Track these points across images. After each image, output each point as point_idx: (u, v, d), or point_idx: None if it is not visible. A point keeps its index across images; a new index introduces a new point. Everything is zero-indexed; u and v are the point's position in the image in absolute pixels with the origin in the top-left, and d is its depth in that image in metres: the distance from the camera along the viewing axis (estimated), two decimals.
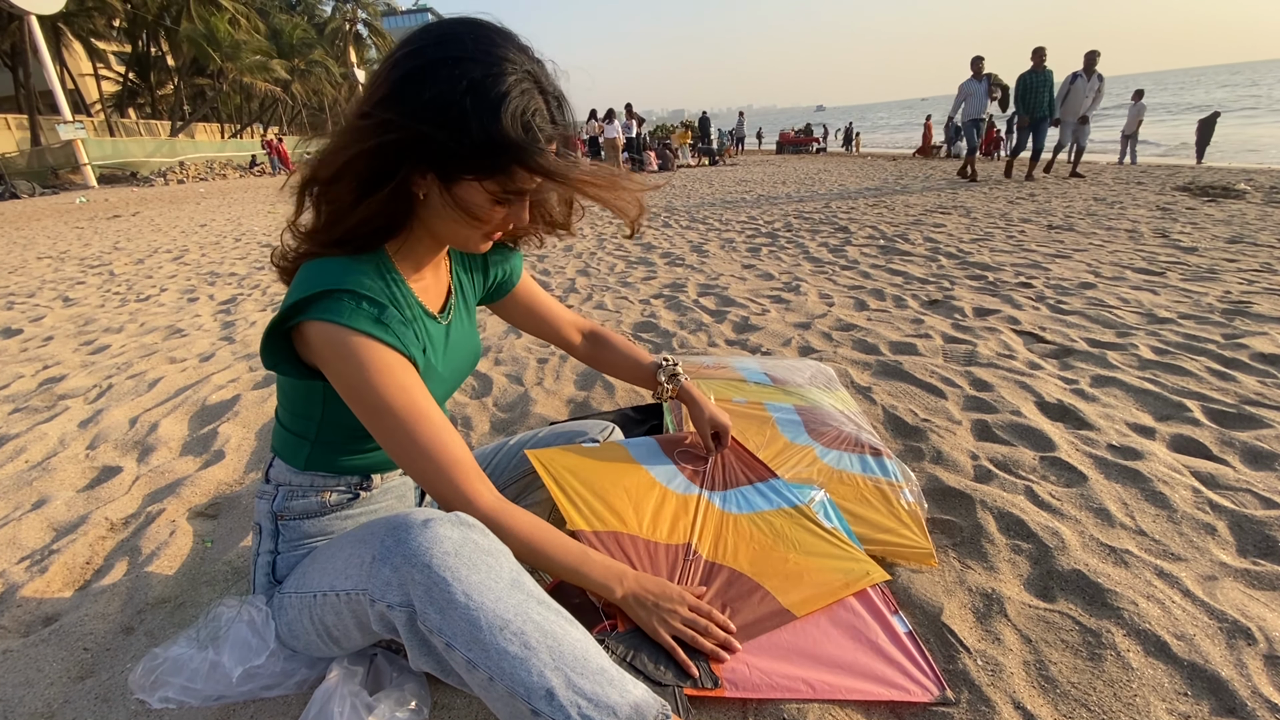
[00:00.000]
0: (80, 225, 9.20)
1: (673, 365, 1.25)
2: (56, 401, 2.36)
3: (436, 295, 0.95)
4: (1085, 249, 4.07)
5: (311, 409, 0.90)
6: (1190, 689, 0.93)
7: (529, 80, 0.73)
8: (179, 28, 26.52)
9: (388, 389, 0.77)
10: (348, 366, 0.76)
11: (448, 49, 0.71)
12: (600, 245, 5.28)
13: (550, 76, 0.77)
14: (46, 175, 20.93)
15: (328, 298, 0.76)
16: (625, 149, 13.33)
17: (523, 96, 0.71)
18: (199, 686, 0.95)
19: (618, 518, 1.12)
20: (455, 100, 0.69)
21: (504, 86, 0.70)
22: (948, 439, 1.70)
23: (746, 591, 1.04)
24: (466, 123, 0.69)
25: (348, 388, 0.78)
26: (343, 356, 0.75)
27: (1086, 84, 8.27)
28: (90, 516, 1.54)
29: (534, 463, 1.17)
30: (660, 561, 1.06)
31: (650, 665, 0.88)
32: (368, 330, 0.76)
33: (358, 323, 0.75)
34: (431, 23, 0.75)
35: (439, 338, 0.93)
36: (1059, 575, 1.18)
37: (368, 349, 0.76)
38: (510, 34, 0.75)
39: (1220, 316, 2.61)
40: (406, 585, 0.71)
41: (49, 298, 4.34)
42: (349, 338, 0.75)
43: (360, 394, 0.77)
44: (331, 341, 0.75)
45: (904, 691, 0.92)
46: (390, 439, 0.79)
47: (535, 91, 0.73)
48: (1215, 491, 1.42)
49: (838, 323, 2.82)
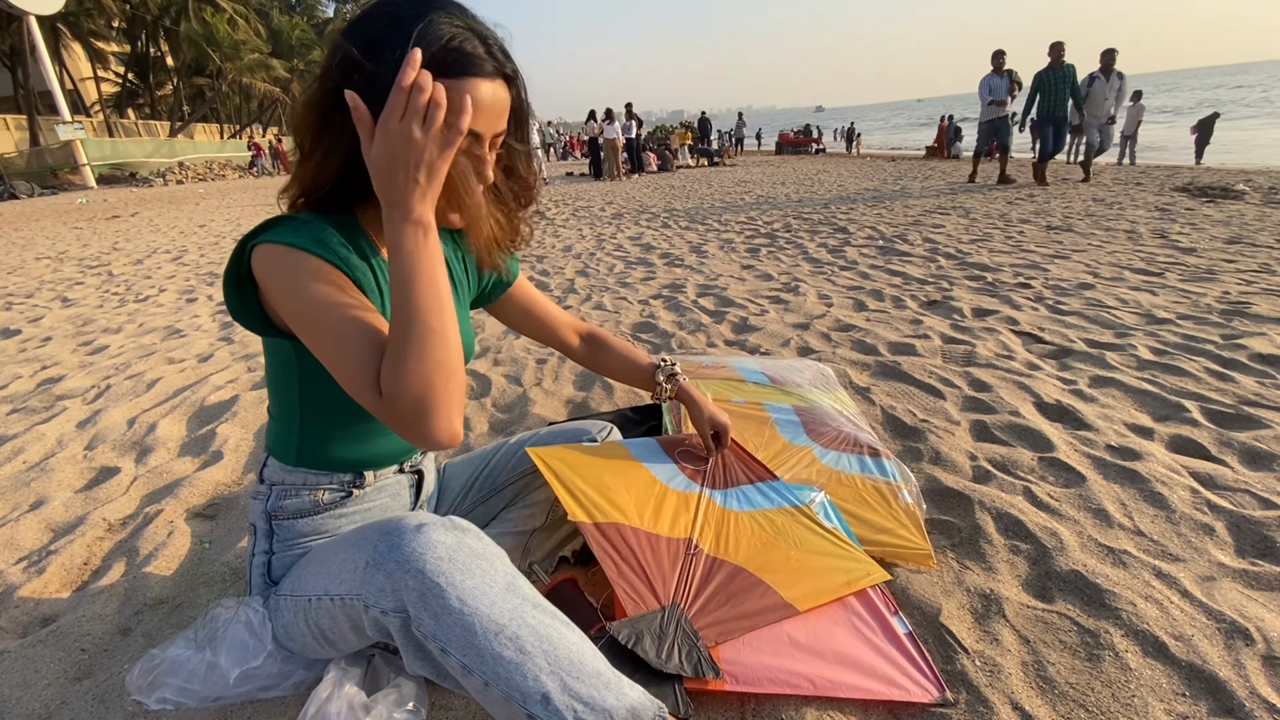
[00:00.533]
0: (79, 226, 9.20)
1: (671, 366, 1.23)
2: (55, 402, 2.36)
3: None
4: (1084, 249, 4.08)
5: (289, 385, 0.88)
6: (1188, 690, 0.93)
7: (460, 22, 0.72)
8: (178, 28, 26.52)
9: (316, 289, 0.73)
10: (281, 275, 0.73)
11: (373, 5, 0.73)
12: (599, 246, 5.28)
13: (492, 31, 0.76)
14: (46, 176, 20.92)
15: (274, 225, 0.77)
16: (625, 150, 13.33)
17: (447, 27, 0.71)
18: (196, 688, 0.95)
19: (619, 510, 1.11)
20: (378, 35, 0.70)
21: (427, 18, 0.70)
22: (946, 439, 1.70)
23: (749, 585, 1.04)
24: (382, 52, 0.69)
25: (280, 299, 0.74)
26: (279, 269, 0.73)
27: (1106, 84, 7.96)
28: (88, 517, 1.54)
29: (534, 458, 1.16)
30: (662, 553, 1.06)
31: (653, 653, 0.88)
32: (305, 245, 0.74)
33: (297, 240, 0.74)
34: None
35: None
36: (1057, 576, 1.18)
37: (303, 259, 0.74)
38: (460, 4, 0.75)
39: (1219, 317, 2.61)
40: (400, 591, 0.70)
41: (47, 298, 4.33)
42: (286, 252, 0.74)
43: (288, 299, 0.74)
44: (269, 258, 0.74)
45: (904, 691, 0.93)
46: (317, 339, 0.74)
47: (466, 31, 0.72)
48: (1214, 492, 1.42)
49: (836, 323, 2.82)
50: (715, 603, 1.01)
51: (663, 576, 1.02)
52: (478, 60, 0.72)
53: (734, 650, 0.94)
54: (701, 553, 1.09)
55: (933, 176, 9.93)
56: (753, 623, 0.98)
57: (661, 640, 0.91)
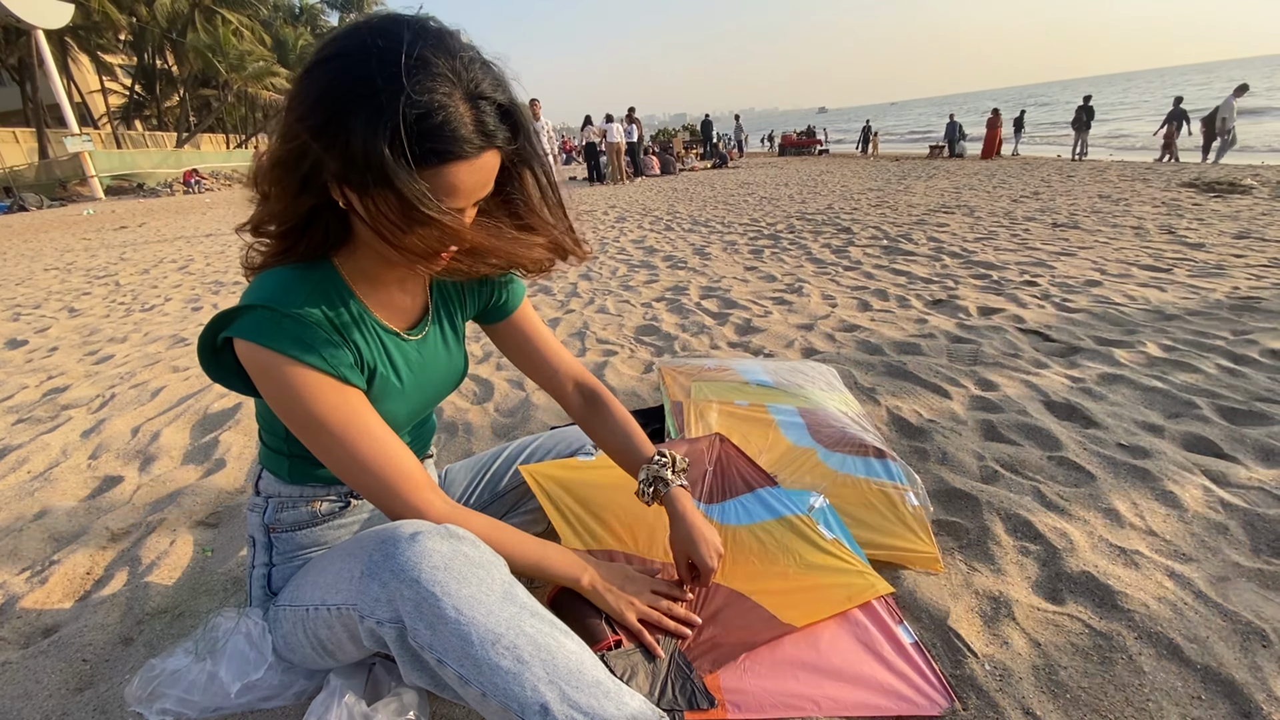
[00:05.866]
0: (87, 237, 9.27)
1: (659, 468, 1.00)
2: (60, 412, 2.36)
3: (404, 312, 0.89)
4: (1091, 246, 4.04)
5: (276, 424, 0.88)
6: (1204, 693, 0.91)
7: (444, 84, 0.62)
8: (184, 40, 26.76)
9: (317, 408, 0.73)
10: (273, 388, 0.73)
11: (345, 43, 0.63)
12: (602, 249, 5.28)
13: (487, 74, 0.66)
14: (54, 188, 21.15)
15: (248, 313, 0.72)
16: (627, 153, 13.34)
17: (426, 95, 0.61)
18: (196, 699, 0.94)
19: (613, 535, 1.12)
20: (343, 105, 0.61)
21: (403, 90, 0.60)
22: (953, 439, 1.68)
23: (744, 610, 1.02)
24: (348, 124, 0.61)
25: (277, 409, 0.75)
26: (267, 378, 0.72)
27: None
28: (91, 527, 1.54)
29: (528, 480, 1.16)
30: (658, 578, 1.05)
31: (646, 688, 0.88)
32: (287, 350, 0.71)
33: (277, 343, 0.71)
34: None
35: (405, 355, 0.88)
36: (1068, 577, 1.16)
37: (290, 371, 0.72)
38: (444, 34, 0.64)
39: (1229, 313, 2.58)
40: (395, 601, 0.69)
41: (55, 309, 4.36)
42: (269, 359, 0.71)
43: (290, 415, 0.74)
44: (253, 362, 0.72)
45: (911, 705, 0.90)
46: (329, 457, 0.76)
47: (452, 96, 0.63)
48: (1226, 490, 1.39)
49: (841, 324, 2.80)
50: (709, 630, 0.98)
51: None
52: (460, 142, 0.64)
53: (735, 677, 0.92)
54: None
55: (936, 176, 9.89)
56: (747, 644, 0.96)
57: (655, 675, 0.90)
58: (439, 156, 0.63)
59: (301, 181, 0.68)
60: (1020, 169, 8.80)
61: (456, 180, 0.65)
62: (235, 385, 0.79)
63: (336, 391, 0.75)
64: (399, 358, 0.87)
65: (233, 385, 0.79)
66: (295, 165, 0.67)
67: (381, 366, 0.84)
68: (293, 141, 0.66)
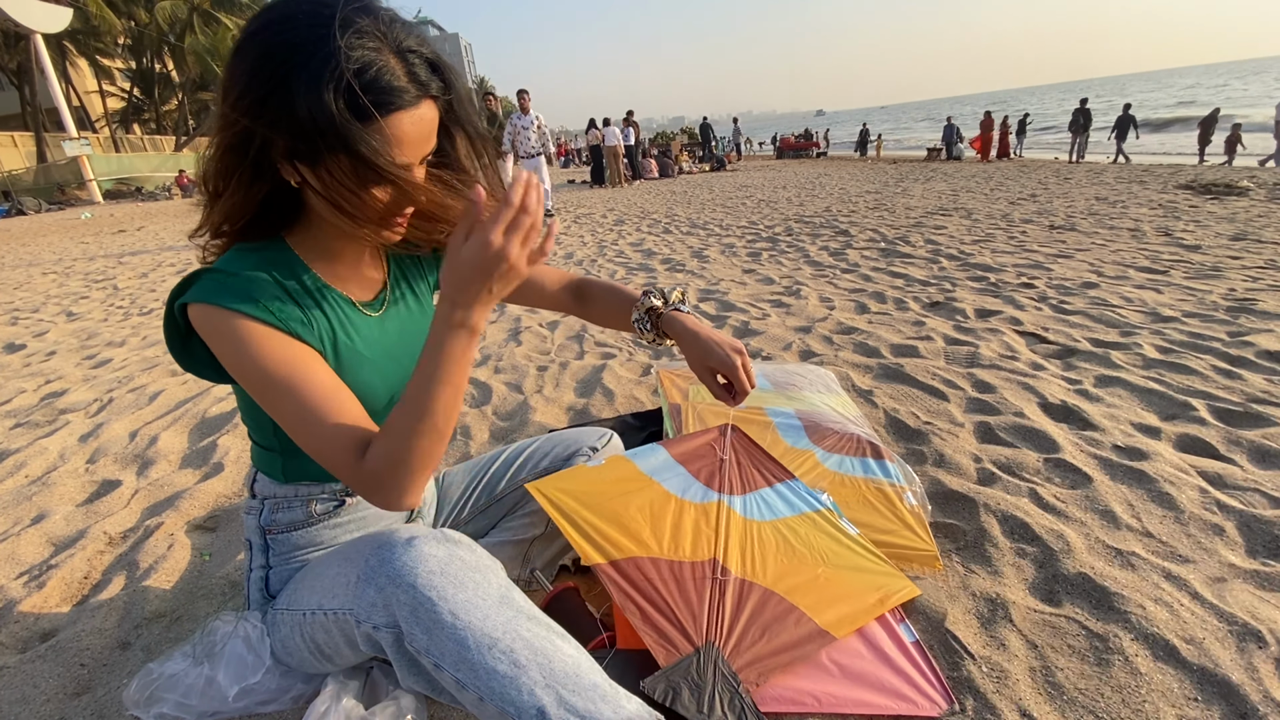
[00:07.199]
0: (85, 240, 9.27)
1: (647, 300, 1.00)
2: (58, 416, 2.36)
3: (364, 283, 0.88)
4: (1088, 248, 4.05)
5: (261, 417, 0.87)
6: (1200, 694, 0.92)
7: (373, 40, 0.63)
8: (183, 43, 26.79)
9: (263, 362, 0.72)
10: (224, 346, 0.72)
11: (268, 16, 0.64)
12: (601, 252, 5.29)
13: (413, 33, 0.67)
14: (53, 192, 21.16)
15: (197, 279, 0.73)
16: (625, 156, 13.36)
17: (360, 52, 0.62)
18: (194, 703, 0.94)
19: (636, 541, 1.06)
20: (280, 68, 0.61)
21: (334, 45, 0.61)
22: (950, 441, 1.68)
23: (782, 614, 0.99)
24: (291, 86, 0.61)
25: (231, 370, 0.73)
26: (219, 337, 0.72)
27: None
28: (89, 530, 1.54)
29: (538, 498, 1.10)
30: (688, 584, 1.01)
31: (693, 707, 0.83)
32: (233, 305, 0.71)
33: (223, 299, 0.71)
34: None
35: (369, 325, 0.87)
36: (1064, 579, 1.16)
37: (237, 324, 0.71)
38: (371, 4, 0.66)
39: (1225, 314, 2.59)
40: (391, 606, 0.69)
41: (53, 313, 4.36)
42: (218, 317, 0.71)
43: (240, 372, 0.72)
44: (204, 324, 0.72)
45: (911, 705, 0.91)
46: (278, 413, 0.73)
47: (382, 51, 0.64)
48: (1223, 491, 1.40)
49: (838, 326, 2.81)
50: (750, 637, 0.95)
51: (692, 614, 0.96)
52: (398, 92, 0.65)
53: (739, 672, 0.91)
54: (730, 576, 1.04)
55: (934, 179, 9.91)
56: (791, 656, 0.93)
57: (700, 690, 0.85)
58: (381, 108, 0.64)
59: (254, 168, 0.69)
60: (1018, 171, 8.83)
61: (400, 131, 0.66)
62: (208, 374, 0.79)
63: (285, 345, 0.74)
64: (363, 327, 0.86)
65: (205, 374, 0.79)
66: (243, 152, 0.67)
67: (343, 335, 0.82)
68: (233, 128, 0.66)
